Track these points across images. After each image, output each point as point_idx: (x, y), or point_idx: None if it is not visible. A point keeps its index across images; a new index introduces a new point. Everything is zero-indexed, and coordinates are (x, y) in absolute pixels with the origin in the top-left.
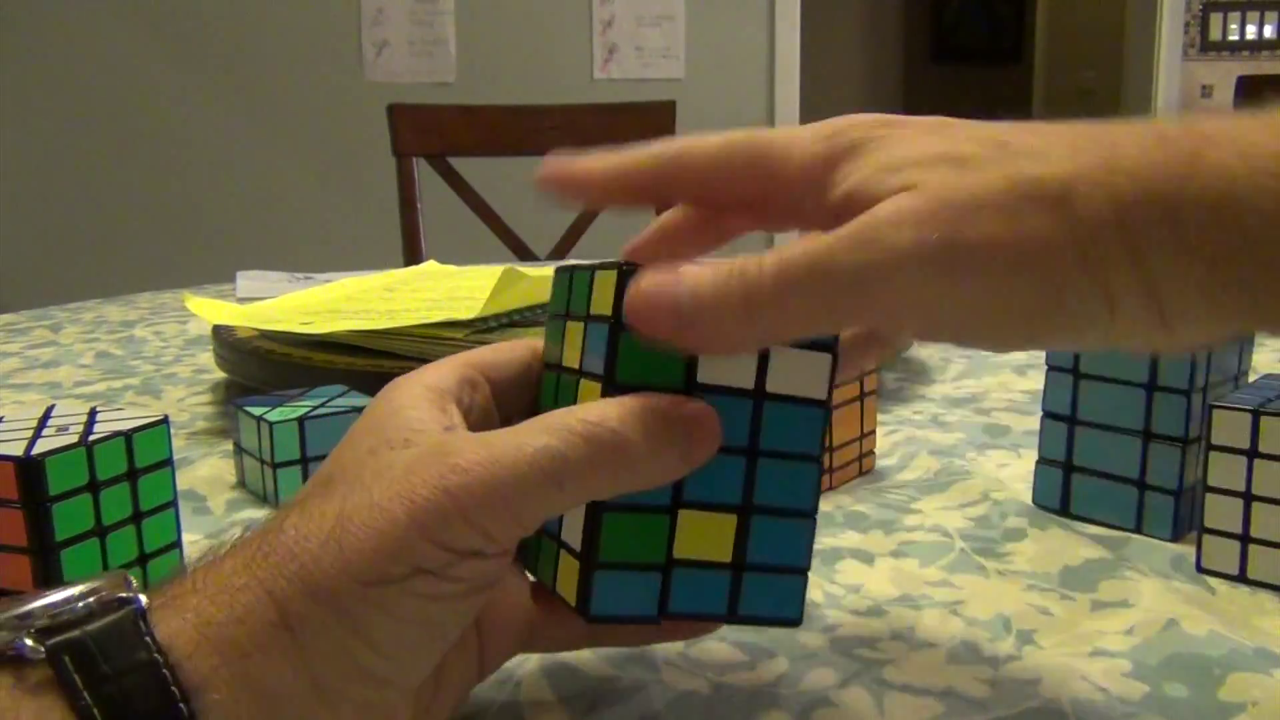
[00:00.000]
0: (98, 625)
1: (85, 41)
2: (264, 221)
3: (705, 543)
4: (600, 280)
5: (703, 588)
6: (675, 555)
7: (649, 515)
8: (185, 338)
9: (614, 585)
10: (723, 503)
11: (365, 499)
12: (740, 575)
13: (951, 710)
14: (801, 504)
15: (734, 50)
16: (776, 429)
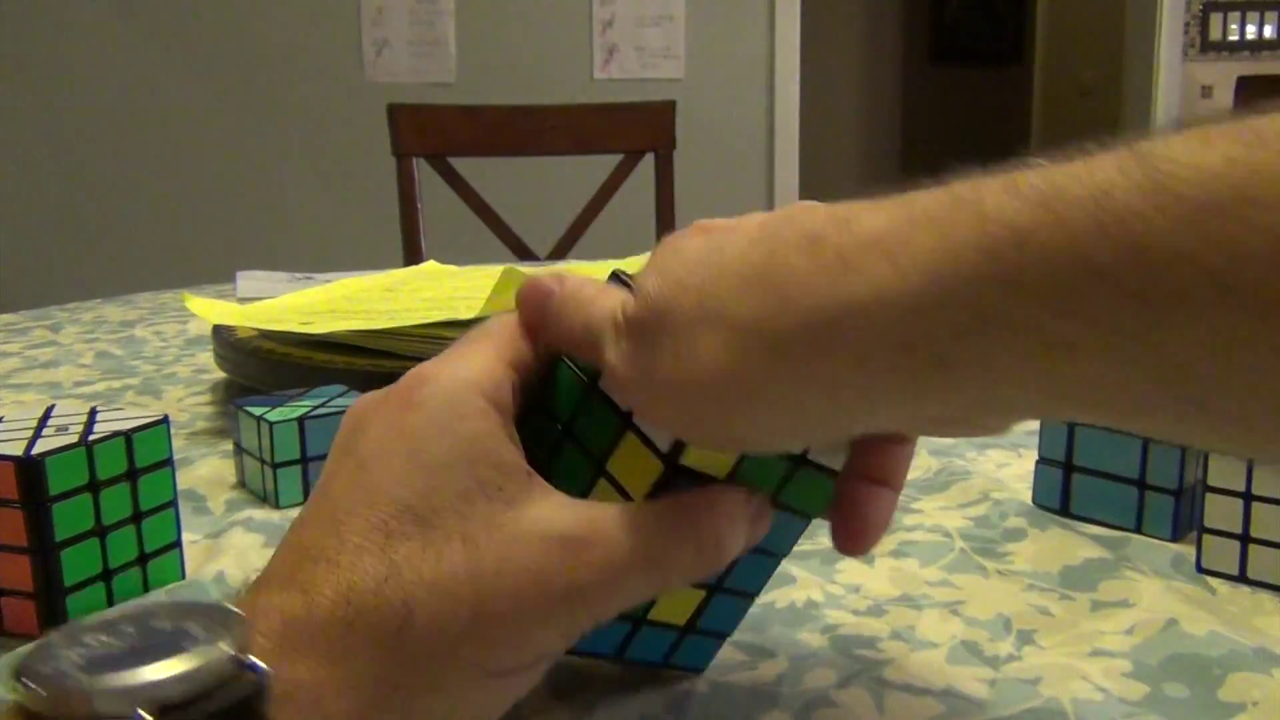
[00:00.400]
0: (219, 710)
1: (85, 42)
2: (264, 221)
3: (676, 610)
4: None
5: (654, 642)
6: (649, 617)
7: None
8: (185, 338)
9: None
10: (703, 581)
11: (497, 582)
12: (685, 636)
13: (951, 710)
14: (755, 589)
15: (734, 50)
16: (772, 532)
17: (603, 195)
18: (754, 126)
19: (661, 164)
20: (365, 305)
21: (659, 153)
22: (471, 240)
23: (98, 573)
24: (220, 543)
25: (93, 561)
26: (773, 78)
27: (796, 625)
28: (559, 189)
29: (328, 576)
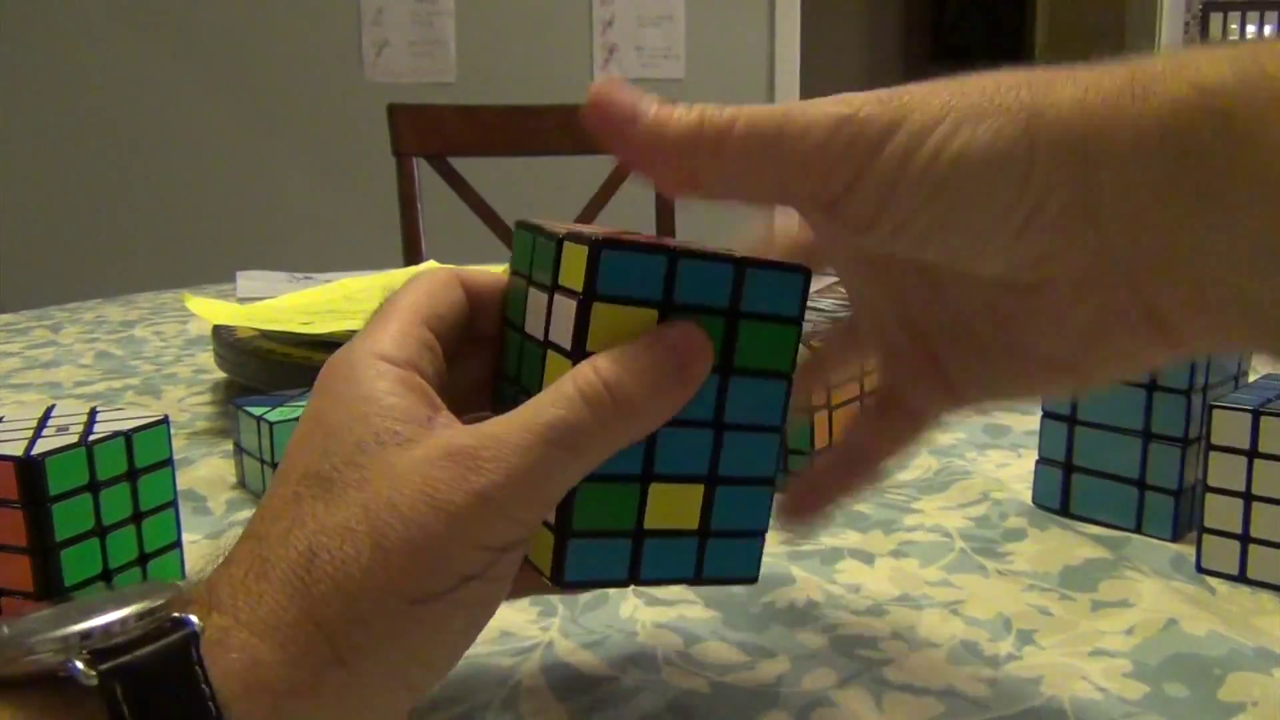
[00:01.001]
0: (151, 652)
1: (85, 41)
2: (264, 221)
3: (674, 512)
4: (569, 252)
5: (671, 554)
6: (646, 526)
7: (621, 485)
8: (185, 338)
9: (587, 553)
10: (691, 474)
11: (391, 512)
12: (705, 541)
13: (951, 710)
14: (764, 472)
15: (734, 50)
16: (742, 402)
17: (603, 195)
18: None
19: None
20: (365, 305)
21: None
22: (471, 240)
23: (98, 573)
24: (220, 542)
25: (93, 562)
26: (773, 78)
27: (796, 625)
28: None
29: (247, 544)
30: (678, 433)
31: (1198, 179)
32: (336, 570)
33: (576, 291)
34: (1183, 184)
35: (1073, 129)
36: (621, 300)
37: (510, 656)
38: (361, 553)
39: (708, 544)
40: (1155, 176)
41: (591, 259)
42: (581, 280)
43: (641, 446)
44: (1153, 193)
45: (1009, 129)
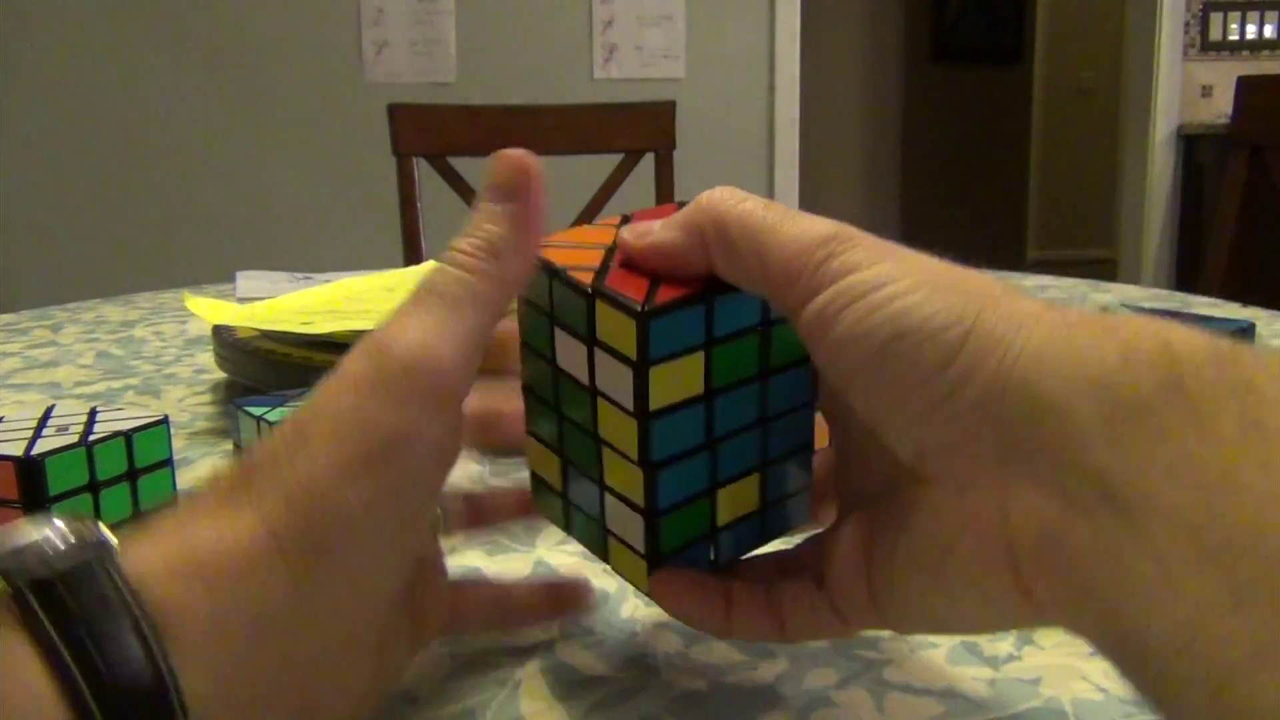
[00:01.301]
0: (64, 564)
1: (85, 41)
2: (264, 221)
3: (740, 504)
4: (609, 315)
5: (742, 535)
6: (719, 524)
7: (696, 503)
8: (185, 338)
9: (675, 565)
10: (748, 469)
11: (309, 404)
12: (766, 511)
13: (951, 710)
14: (804, 439)
15: (734, 50)
16: (779, 394)
17: (603, 195)
18: (754, 126)
19: (661, 164)
20: (365, 305)
21: (659, 153)
22: None
23: None
24: None
25: None
26: (773, 78)
27: None
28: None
29: (216, 478)
30: (734, 441)
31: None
32: (269, 466)
33: (629, 358)
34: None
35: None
36: (672, 356)
37: (510, 656)
38: (287, 444)
39: (768, 512)
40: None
41: (642, 331)
42: (634, 349)
43: (705, 465)
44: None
45: (958, 309)
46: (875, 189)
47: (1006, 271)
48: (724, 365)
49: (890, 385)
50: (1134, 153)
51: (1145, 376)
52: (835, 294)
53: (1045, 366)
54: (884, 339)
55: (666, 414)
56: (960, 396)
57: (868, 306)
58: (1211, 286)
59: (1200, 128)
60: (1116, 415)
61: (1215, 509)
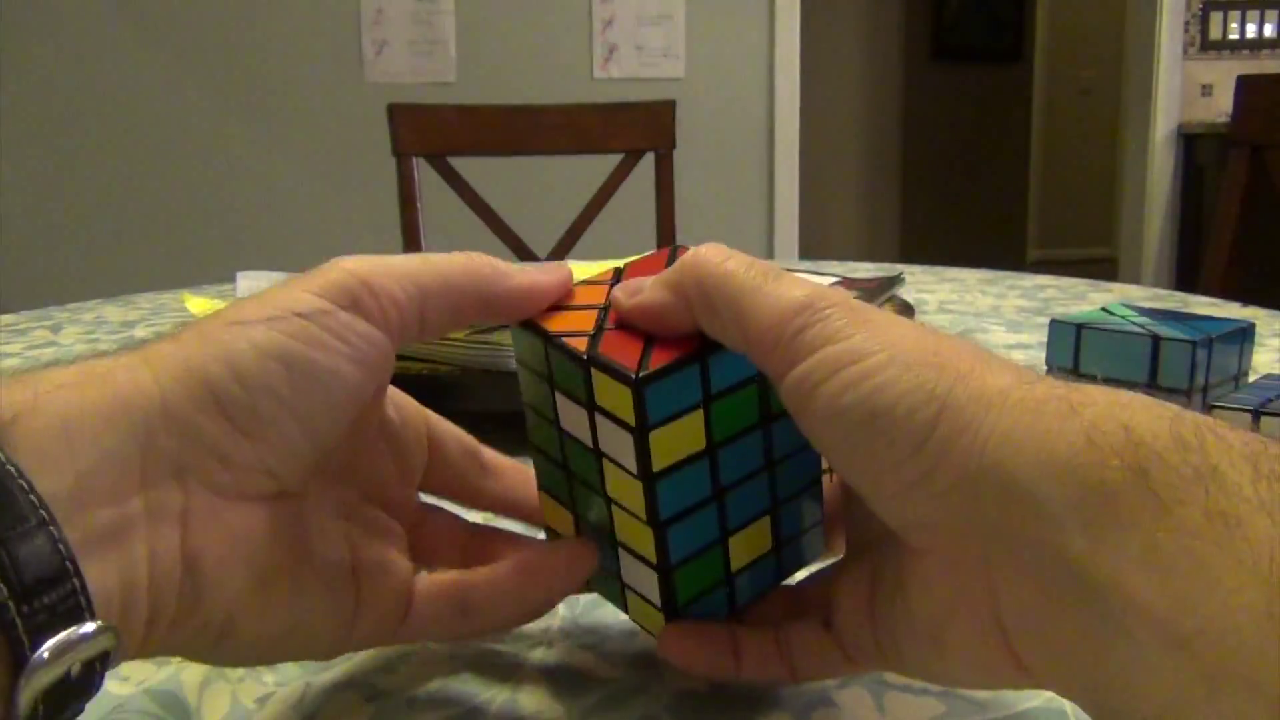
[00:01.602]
0: None
1: (85, 42)
2: (264, 221)
3: (752, 547)
4: (604, 383)
5: (758, 576)
6: (733, 570)
7: (708, 553)
8: None
9: (693, 613)
10: (758, 513)
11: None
12: (781, 550)
13: (951, 710)
14: (813, 476)
15: (734, 50)
16: (783, 436)
17: (603, 195)
18: (754, 126)
19: (661, 164)
20: None
21: (659, 152)
22: (471, 240)
23: None
24: None
25: None
26: (773, 77)
27: None
28: (559, 189)
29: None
30: (741, 489)
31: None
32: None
33: (628, 424)
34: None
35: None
36: (671, 419)
37: (510, 656)
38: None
39: (783, 551)
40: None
41: (638, 397)
42: (632, 415)
43: (714, 516)
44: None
45: (929, 385)
46: (875, 189)
47: (1006, 271)
48: (724, 418)
49: (869, 463)
50: (1134, 152)
51: (1111, 462)
52: (810, 367)
53: (1015, 449)
54: (859, 419)
55: (670, 473)
56: (936, 478)
57: (841, 384)
58: (1211, 286)
59: (1200, 127)
60: (1086, 501)
61: (1186, 599)
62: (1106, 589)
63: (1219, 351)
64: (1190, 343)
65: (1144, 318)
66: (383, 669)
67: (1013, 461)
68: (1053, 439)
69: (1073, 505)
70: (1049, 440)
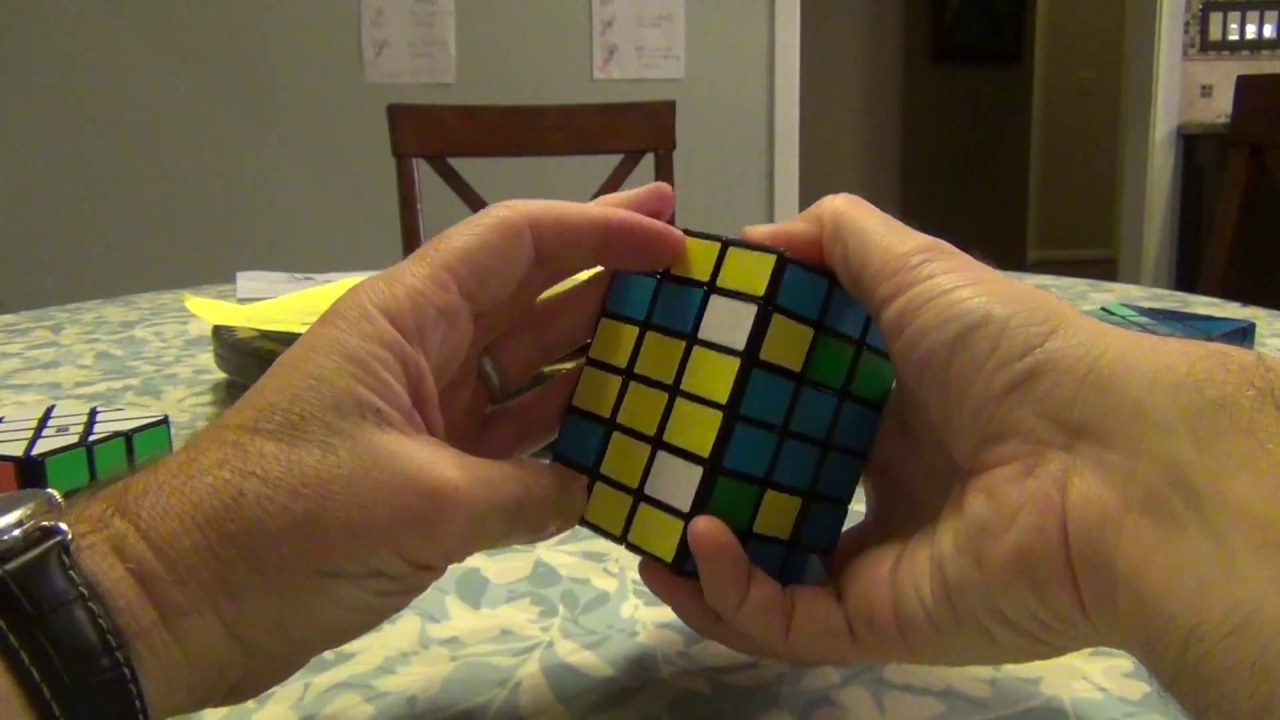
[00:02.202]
0: (18, 563)
1: (85, 42)
2: (264, 221)
3: (777, 521)
4: (739, 257)
5: (763, 559)
6: (755, 529)
7: (748, 485)
8: (185, 338)
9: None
10: (797, 487)
11: (345, 491)
12: (791, 551)
13: (951, 710)
14: (846, 495)
15: (734, 50)
16: (848, 426)
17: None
18: (754, 126)
19: (661, 164)
20: None
21: (659, 153)
22: None
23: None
24: None
25: None
26: (773, 78)
27: None
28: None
29: (185, 451)
30: (799, 445)
31: None
32: (259, 518)
33: (755, 296)
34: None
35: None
36: (792, 315)
37: (510, 656)
38: (293, 513)
39: (792, 554)
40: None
41: (778, 271)
42: (764, 287)
43: (770, 451)
44: None
45: (1042, 315)
46: (875, 189)
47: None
48: (822, 358)
49: (967, 366)
50: (1134, 153)
51: (1235, 379)
52: (923, 290)
53: (1129, 365)
54: (968, 325)
55: (766, 369)
56: (1038, 382)
57: (950, 301)
58: (1211, 286)
59: (1200, 128)
60: (1202, 412)
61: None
62: (1204, 487)
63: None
64: None
65: (1144, 318)
66: (383, 669)
67: (1126, 375)
68: (1174, 360)
69: (1186, 415)
70: (1171, 361)
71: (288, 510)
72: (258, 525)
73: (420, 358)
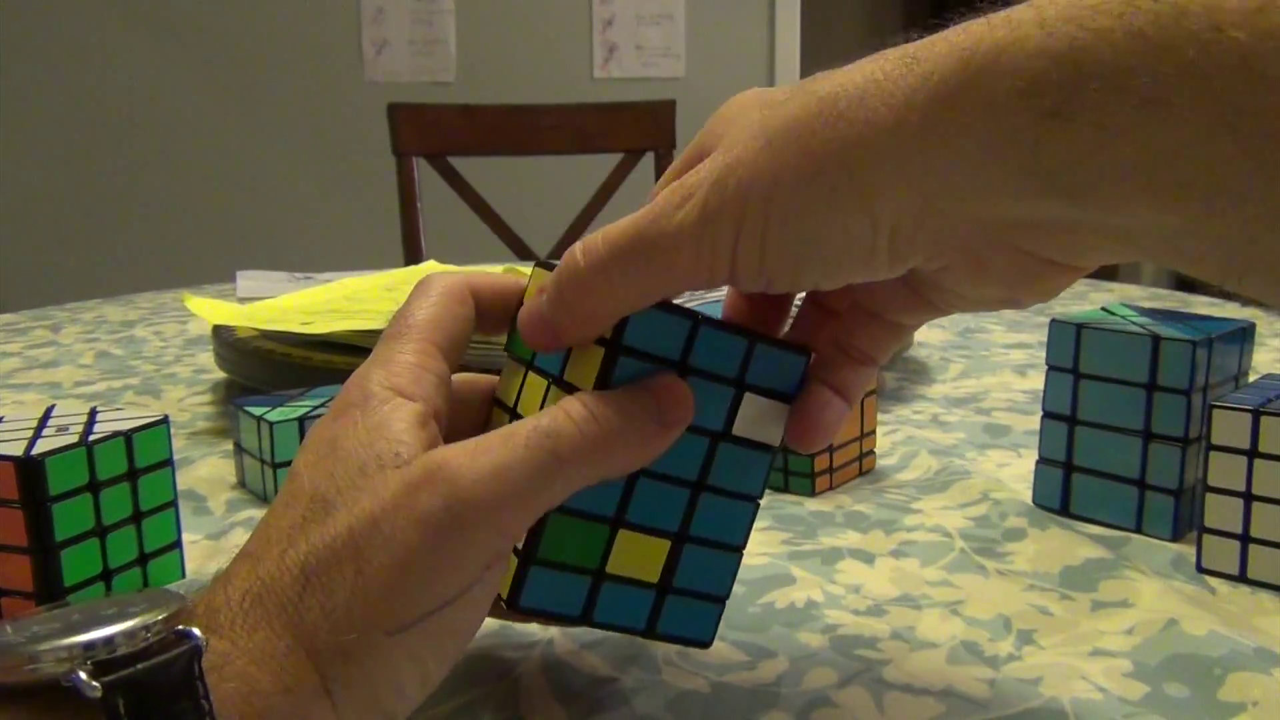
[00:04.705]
0: (154, 666)
1: (85, 42)
2: (264, 221)
3: (638, 562)
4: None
5: (627, 602)
6: (608, 570)
7: (591, 524)
8: (185, 338)
9: (545, 582)
10: (662, 529)
11: (373, 530)
12: (664, 597)
13: (951, 710)
14: (734, 540)
15: (734, 50)
16: (727, 468)
17: (603, 195)
18: None
19: (661, 164)
20: (365, 305)
21: (659, 152)
22: (471, 240)
23: (98, 573)
24: (221, 543)
25: (93, 562)
26: (773, 77)
27: (796, 625)
28: (559, 189)
29: (245, 563)
30: (657, 485)
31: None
32: (325, 598)
33: (604, 338)
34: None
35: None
36: (643, 355)
37: (511, 650)
38: (346, 577)
39: (666, 600)
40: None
41: (620, 320)
42: (610, 330)
43: (619, 490)
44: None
45: (843, 196)
46: None
47: None
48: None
49: (841, 273)
50: None
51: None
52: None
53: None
54: (813, 262)
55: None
56: (899, 237)
57: (776, 254)
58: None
59: None
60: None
61: None
62: None
63: (1219, 351)
64: (1190, 343)
65: (1144, 318)
66: None
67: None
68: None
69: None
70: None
71: (341, 576)
72: (327, 604)
73: (436, 427)
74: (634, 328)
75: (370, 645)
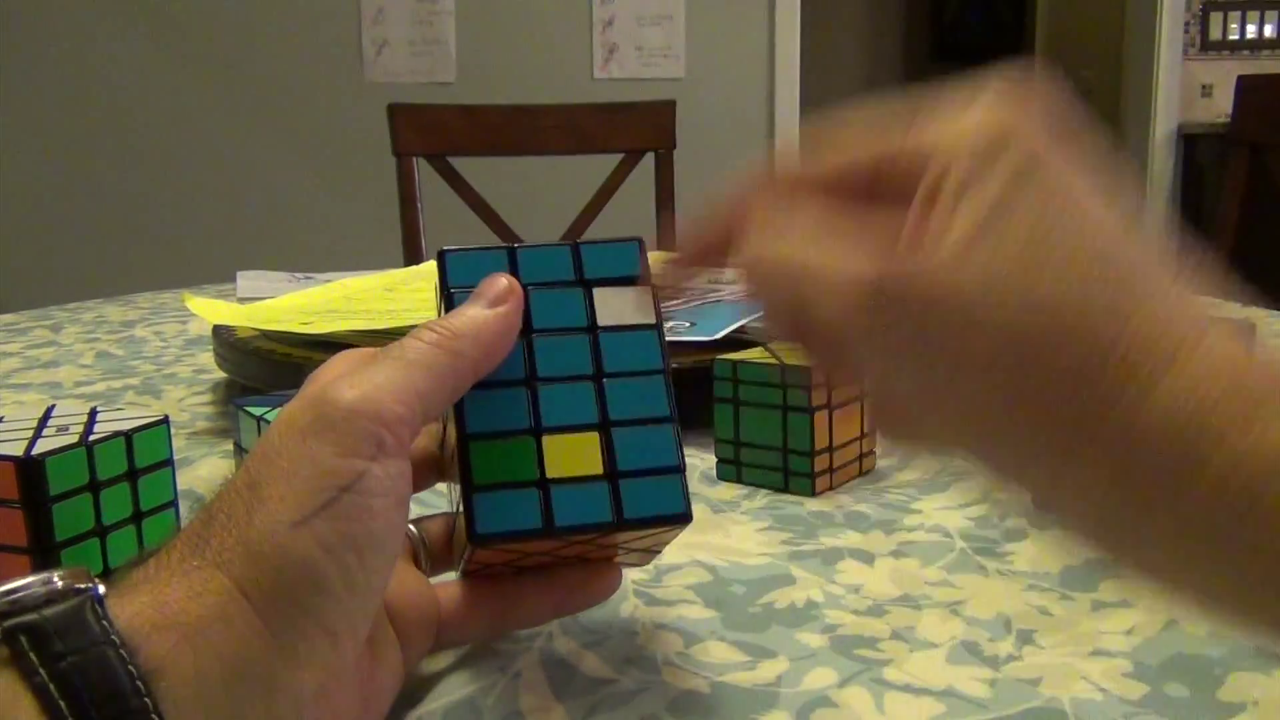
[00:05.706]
0: (54, 609)
1: (85, 41)
2: (264, 221)
3: (575, 460)
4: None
5: (584, 501)
6: (549, 475)
7: (513, 440)
8: (185, 338)
9: (495, 506)
10: (581, 423)
11: (263, 454)
12: (617, 483)
13: (951, 710)
14: (659, 412)
15: (734, 50)
16: (618, 354)
17: (603, 195)
18: (754, 126)
19: (661, 163)
20: (365, 305)
21: (659, 152)
22: (471, 240)
23: (98, 573)
24: None
25: (93, 562)
26: (773, 77)
27: (796, 625)
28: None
29: (179, 537)
30: (559, 387)
31: None
32: (227, 521)
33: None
34: None
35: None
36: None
37: (510, 654)
38: (242, 498)
39: (621, 485)
40: None
41: (440, 261)
42: (439, 279)
43: (524, 402)
44: None
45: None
46: None
47: None
48: (542, 307)
49: None
50: (1134, 152)
51: None
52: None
53: None
54: None
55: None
56: None
57: None
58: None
59: (1200, 127)
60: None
61: None
62: None
63: None
64: None
65: None
66: None
67: None
68: None
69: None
70: None
71: (239, 500)
72: (230, 525)
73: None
74: (454, 269)
75: (275, 541)
